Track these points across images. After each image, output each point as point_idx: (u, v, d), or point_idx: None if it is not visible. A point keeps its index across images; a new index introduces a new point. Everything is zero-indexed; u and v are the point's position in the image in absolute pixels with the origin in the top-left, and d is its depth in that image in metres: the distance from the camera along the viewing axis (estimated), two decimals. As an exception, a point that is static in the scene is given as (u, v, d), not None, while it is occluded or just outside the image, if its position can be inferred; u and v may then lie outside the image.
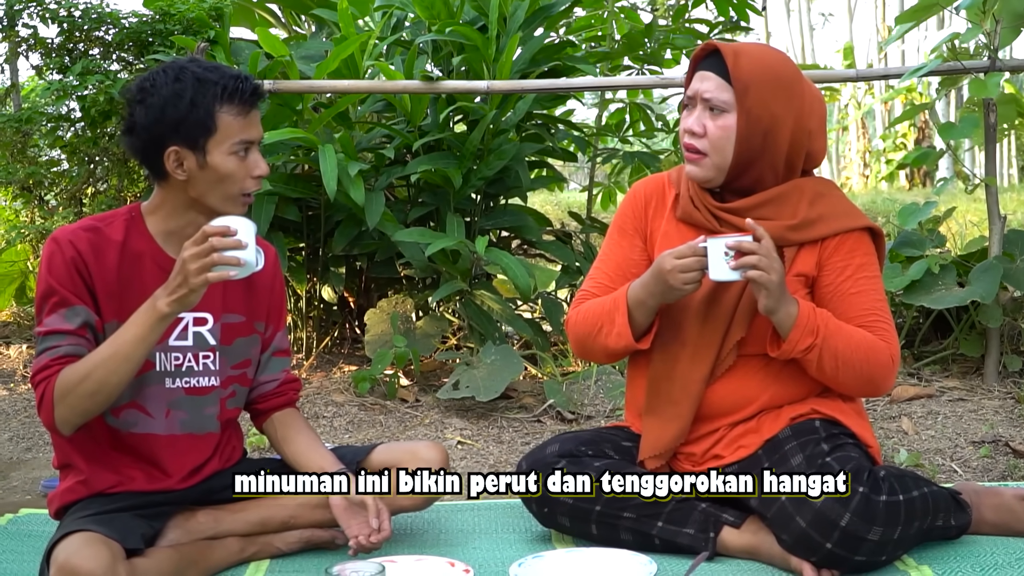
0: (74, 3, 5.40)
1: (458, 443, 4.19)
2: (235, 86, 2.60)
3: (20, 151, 5.72)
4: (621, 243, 3.02)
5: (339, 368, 5.24)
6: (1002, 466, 3.75)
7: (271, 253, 2.90)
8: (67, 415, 2.55)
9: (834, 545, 2.55)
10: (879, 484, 2.59)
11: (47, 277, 2.61)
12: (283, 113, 5.02)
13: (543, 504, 2.90)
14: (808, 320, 2.68)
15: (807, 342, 2.68)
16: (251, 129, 2.64)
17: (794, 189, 2.84)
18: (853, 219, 2.86)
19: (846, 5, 25.71)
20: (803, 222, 2.82)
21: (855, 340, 2.73)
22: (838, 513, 2.54)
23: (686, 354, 2.84)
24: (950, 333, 5.10)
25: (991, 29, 4.52)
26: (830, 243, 2.83)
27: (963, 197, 10.90)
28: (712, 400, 2.85)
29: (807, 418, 2.81)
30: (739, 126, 2.77)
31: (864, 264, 2.84)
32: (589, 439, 2.98)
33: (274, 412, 2.93)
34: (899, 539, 2.59)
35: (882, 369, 2.76)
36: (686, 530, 2.79)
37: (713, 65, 2.81)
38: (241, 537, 2.84)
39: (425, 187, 5.17)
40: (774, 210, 2.82)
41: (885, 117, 22.94)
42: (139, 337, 2.51)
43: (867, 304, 2.80)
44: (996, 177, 4.73)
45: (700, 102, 2.81)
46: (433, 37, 5.01)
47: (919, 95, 18.26)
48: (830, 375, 2.74)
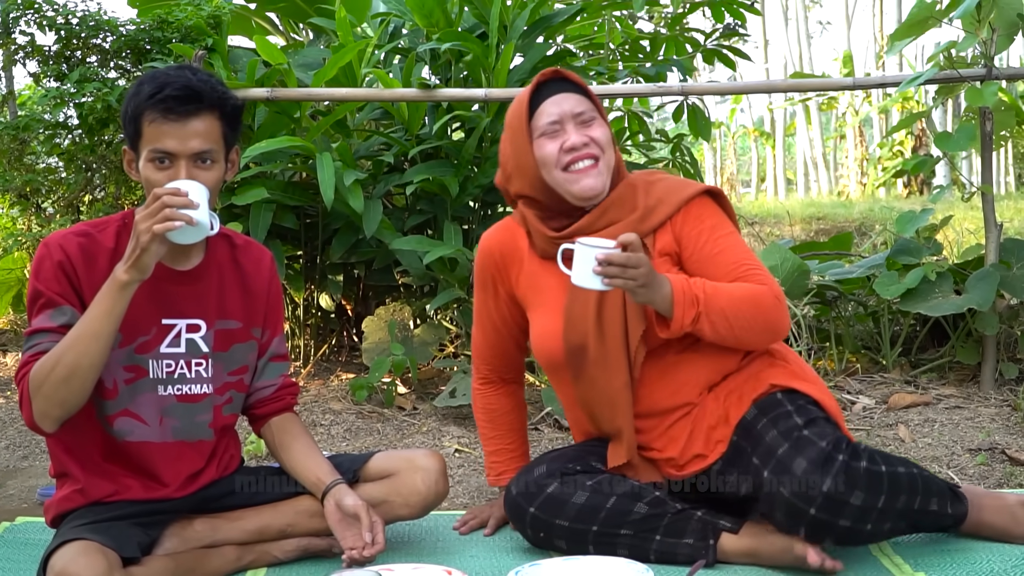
0: (71, 11, 5.41)
1: (455, 451, 4.19)
2: (157, 93, 2.55)
3: (17, 158, 5.72)
4: (487, 301, 3.17)
5: (337, 376, 5.23)
6: (999, 473, 3.75)
7: (267, 257, 2.90)
8: (44, 407, 2.53)
9: (818, 510, 2.58)
10: (858, 453, 2.63)
11: (34, 280, 2.62)
12: (281, 121, 5.02)
13: (538, 529, 2.89)
14: (684, 293, 2.74)
15: (691, 313, 2.74)
16: (168, 139, 2.56)
17: (626, 187, 2.96)
18: (688, 188, 2.97)
19: (844, 14, 25.74)
20: (646, 211, 2.93)
21: (736, 294, 2.79)
22: (819, 479, 2.58)
23: (598, 369, 2.89)
24: (947, 341, 5.11)
25: (987, 37, 4.53)
26: (676, 219, 2.94)
27: (960, 205, 10.90)
28: (650, 398, 2.91)
29: (768, 393, 2.85)
30: (606, 129, 2.93)
31: (715, 224, 2.93)
32: (574, 455, 3.00)
33: (272, 417, 2.93)
34: (884, 510, 2.60)
35: (772, 312, 2.81)
36: (685, 540, 2.80)
37: (559, 89, 2.94)
38: (238, 545, 2.84)
39: (423, 195, 5.17)
40: (617, 212, 2.92)
41: (882, 125, 22.96)
42: (104, 311, 2.50)
43: (733, 259, 2.87)
44: (993, 185, 4.73)
45: (570, 119, 2.90)
46: (432, 46, 5.01)
47: (916, 103, 18.28)
48: (727, 335, 2.79)
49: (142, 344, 2.68)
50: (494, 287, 3.12)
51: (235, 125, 2.69)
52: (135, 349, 2.67)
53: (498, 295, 3.12)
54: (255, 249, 2.89)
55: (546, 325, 2.97)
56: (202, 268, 2.75)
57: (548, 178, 2.90)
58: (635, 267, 2.64)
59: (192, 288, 2.74)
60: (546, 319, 2.97)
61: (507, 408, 3.28)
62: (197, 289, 2.74)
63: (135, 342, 2.67)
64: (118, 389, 2.67)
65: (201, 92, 2.57)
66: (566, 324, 2.91)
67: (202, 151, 2.58)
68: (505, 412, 3.28)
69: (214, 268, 2.77)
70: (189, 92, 2.56)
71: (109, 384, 2.66)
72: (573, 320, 2.89)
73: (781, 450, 2.66)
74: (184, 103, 2.55)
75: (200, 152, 2.58)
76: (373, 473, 2.91)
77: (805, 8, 26.19)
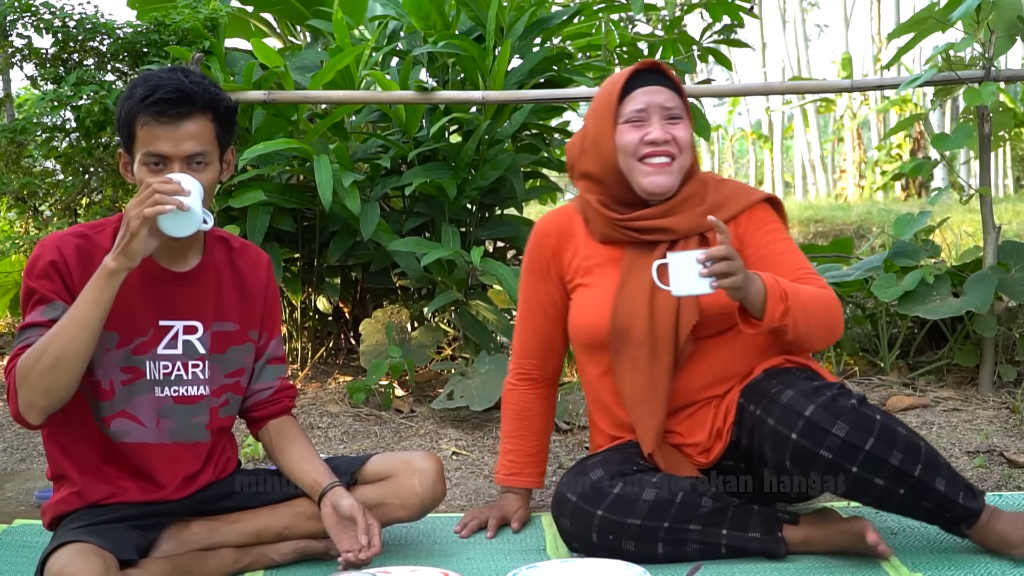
0: (68, 13, 5.40)
1: (453, 453, 4.19)
2: (149, 96, 2.55)
3: (14, 161, 5.71)
4: (538, 288, 3.15)
5: (334, 378, 5.23)
6: (997, 476, 3.75)
7: (264, 260, 2.90)
8: (30, 396, 2.51)
9: (799, 435, 2.62)
10: (850, 393, 2.67)
11: (27, 279, 2.62)
12: (278, 124, 5.02)
13: (607, 531, 2.82)
14: (775, 289, 2.73)
15: (781, 308, 2.73)
16: (161, 142, 2.56)
17: (697, 183, 3.02)
18: (753, 194, 3.04)
19: (842, 17, 25.78)
20: (713, 205, 2.97)
21: (811, 293, 2.83)
22: (803, 405, 2.64)
23: (643, 354, 2.89)
24: (945, 343, 5.10)
25: (986, 39, 4.53)
26: (741, 219, 2.99)
27: (958, 207, 10.92)
28: (685, 388, 2.93)
29: (780, 365, 2.91)
30: (689, 131, 2.98)
31: (776, 229, 3.00)
32: (621, 459, 2.97)
33: (270, 420, 2.93)
34: (873, 455, 2.60)
35: (837, 315, 2.88)
36: (752, 534, 2.82)
37: (656, 81, 2.97)
38: (235, 548, 2.84)
39: (420, 197, 5.17)
40: (686, 205, 2.96)
41: (880, 127, 22.99)
42: (91, 299, 2.49)
43: (795, 262, 2.94)
44: (991, 187, 4.73)
45: (657, 112, 2.93)
46: (428, 49, 5.01)
47: (914, 106, 18.29)
48: (804, 333, 2.80)
49: (139, 345, 2.68)
50: (546, 270, 3.12)
51: (229, 126, 2.69)
52: (132, 350, 2.67)
53: (549, 278, 3.12)
54: (252, 252, 2.89)
55: (593, 303, 2.99)
56: (199, 270, 2.75)
57: (623, 164, 2.94)
58: (733, 259, 2.64)
59: (189, 290, 2.73)
60: (594, 299, 2.99)
61: (538, 411, 3.28)
62: (194, 291, 2.74)
63: (132, 343, 2.67)
64: (115, 390, 2.67)
65: (193, 94, 2.57)
66: (617, 304, 2.93)
67: (195, 153, 2.59)
68: (535, 415, 3.28)
69: (211, 270, 2.77)
70: (181, 94, 2.56)
71: (106, 385, 2.66)
72: (625, 301, 2.92)
73: (774, 390, 2.73)
74: (176, 105, 2.55)
75: (193, 154, 2.58)
76: (370, 475, 2.91)
77: (803, 11, 26.22)
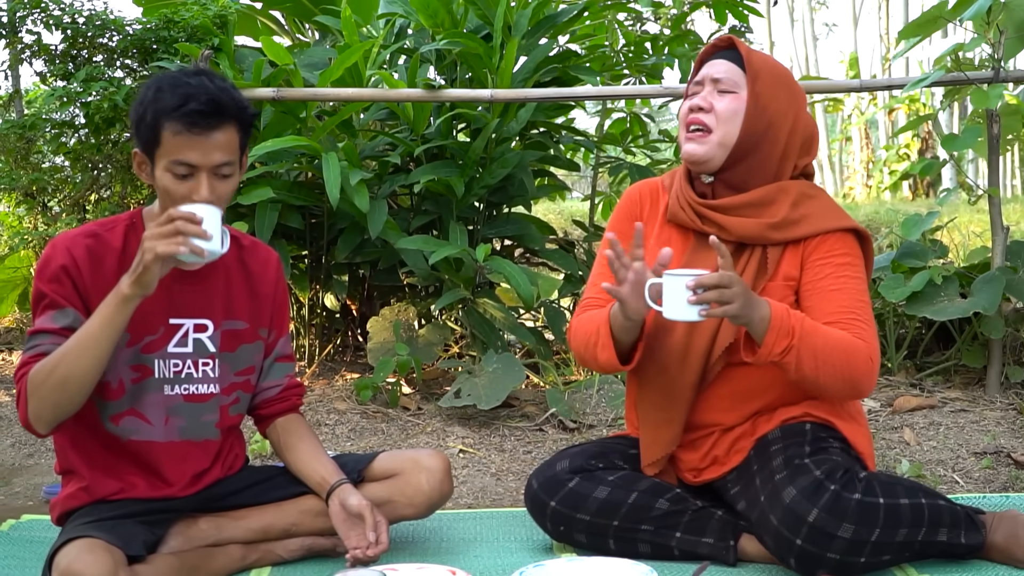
0: (78, 10, 5.41)
1: (460, 451, 4.19)
2: (182, 105, 2.51)
3: (24, 157, 5.73)
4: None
5: (341, 376, 5.24)
6: (1004, 477, 3.75)
7: (274, 259, 2.90)
8: (39, 408, 2.52)
9: (804, 541, 2.55)
10: (854, 483, 2.58)
11: (38, 281, 2.61)
12: (287, 121, 5.02)
13: (559, 522, 2.89)
14: (782, 322, 2.62)
15: (783, 344, 2.62)
16: (190, 152, 2.52)
17: (779, 191, 2.85)
18: (837, 219, 2.85)
19: (850, 16, 25.74)
20: (784, 221, 2.82)
21: (832, 339, 2.67)
22: (806, 509, 2.55)
23: (674, 361, 2.83)
24: (952, 344, 5.10)
25: (995, 40, 4.52)
26: (812, 242, 2.82)
27: (966, 208, 10.89)
28: (705, 407, 2.86)
29: (799, 420, 2.82)
30: (748, 107, 2.81)
31: (846, 263, 2.81)
32: (596, 452, 2.98)
33: (277, 418, 2.93)
34: (879, 543, 2.56)
35: (862, 368, 2.70)
36: (705, 539, 2.81)
37: (724, 56, 2.87)
38: (243, 544, 2.84)
39: (428, 195, 5.17)
40: (757, 210, 2.84)
41: (888, 127, 22.94)
42: (105, 320, 2.48)
43: (846, 302, 2.76)
44: (999, 188, 4.73)
45: (709, 83, 2.85)
46: (436, 46, 5.01)
47: (923, 106, 18.26)
48: (810, 377, 2.67)
49: (149, 344, 2.68)
50: (630, 230, 2.93)
51: (250, 132, 2.69)
52: (141, 349, 2.67)
53: (627, 238, 2.97)
54: (262, 250, 2.89)
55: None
56: (209, 268, 2.75)
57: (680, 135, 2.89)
58: (728, 286, 2.54)
59: (199, 288, 2.74)
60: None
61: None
62: (204, 289, 2.74)
63: (142, 342, 2.67)
64: (125, 388, 2.67)
65: (225, 105, 2.54)
66: None
67: (223, 163, 2.57)
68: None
69: (221, 268, 2.77)
70: (214, 106, 2.52)
71: (115, 384, 2.66)
72: None
73: (778, 476, 2.65)
74: (208, 117, 2.52)
75: (221, 164, 2.57)
76: (378, 473, 2.91)
77: (811, 9, 26.18)
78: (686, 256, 2.87)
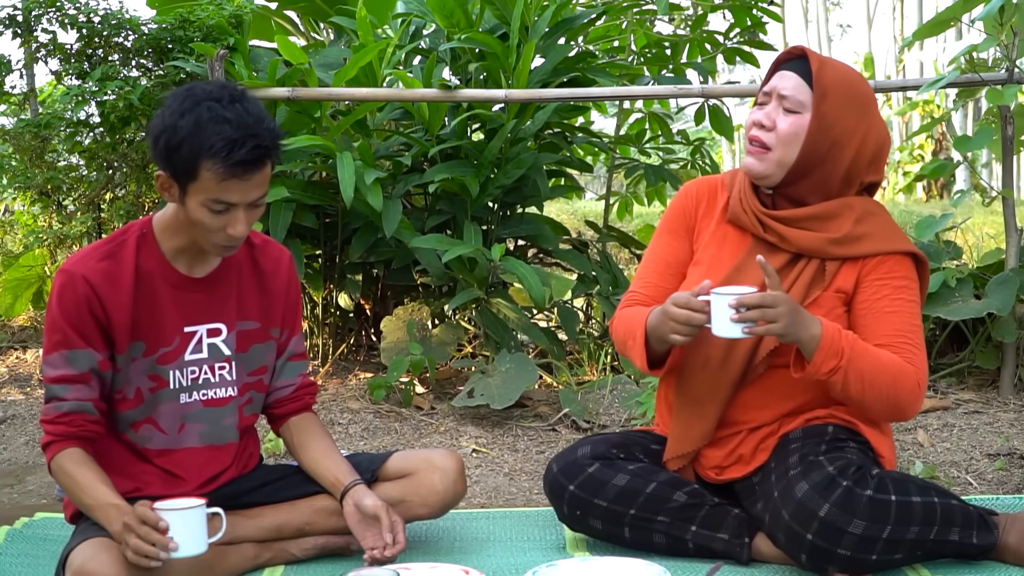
0: (93, 9, 5.43)
1: (473, 451, 4.20)
2: (225, 149, 2.46)
3: (39, 156, 5.74)
4: (670, 242, 3.02)
5: (355, 375, 5.25)
6: (1017, 479, 3.74)
7: (285, 257, 2.90)
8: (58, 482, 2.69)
9: (814, 536, 2.55)
10: (866, 479, 2.59)
11: (56, 312, 2.62)
12: (301, 120, 5.04)
13: (576, 507, 2.89)
14: (832, 342, 2.64)
15: (831, 364, 2.64)
16: (232, 192, 2.50)
17: (843, 206, 2.84)
18: (898, 242, 2.85)
19: (864, 16, 25.69)
20: (846, 237, 2.81)
21: (882, 362, 2.69)
22: (817, 503, 2.56)
23: (718, 357, 2.83)
24: (966, 345, 5.09)
25: (1008, 41, 4.52)
26: (871, 261, 2.82)
27: (980, 209, 10.87)
28: (738, 406, 2.85)
29: (823, 422, 2.82)
30: (810, 128, 2.77)
31: (903, 287, 2.81)
32: (619, 441, 2.98)
33: (291, 417, 2.94)
34: (890, 540, 2.57)
35: (909, 392, 2.72)
36: (720, 535, 2.81)
37: (796, 67, 2.82)
38: (256, 543, 2.84)
39: (442, 195, 5.18)
40: (819, 224, 2.83)
41: (903, 129, 22.90)
42: (90, 509, 2.58)
43: (899, 325, 2.77)
44: (1013, 190, 4.72)
45: (776, 98, 2.82)
46: (453, 45, 5.02)
47: (936, 107, 18.22)
48: (855, 398, 2.70)
49: (164, 355, 2.68)
50: (683, 227, 3.00)
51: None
52: (157, 360, 2.68)
53: (680, 236, 3.00)
54: (273, 249, 2.89)
55: (698, 283, 2.80)
56: (220, 271, 2.75)
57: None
58: (772, 306, 2.56)
59: (211, 293, 2.74)
60: (698, 281, 2.80)
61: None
62: (216, 293, 2.74)
63: (157, 352, 2.68)
64: (143, 397, 2.69)
65: (268, 149, 2.52)
66: None
67: (260, 196, 2.57)
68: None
69: (232, 269, 2.78)
70: (260, 152, 2.50)
71: (131, 394, 2.68)
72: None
73: (792, 472, 2.66)
74: (254, 164, 2.50)
75: (258, 198, 2.57)
76: (391, 473, 2.91)
77: (826, 10, 26.14)
78: (741, 257, 2.87)
